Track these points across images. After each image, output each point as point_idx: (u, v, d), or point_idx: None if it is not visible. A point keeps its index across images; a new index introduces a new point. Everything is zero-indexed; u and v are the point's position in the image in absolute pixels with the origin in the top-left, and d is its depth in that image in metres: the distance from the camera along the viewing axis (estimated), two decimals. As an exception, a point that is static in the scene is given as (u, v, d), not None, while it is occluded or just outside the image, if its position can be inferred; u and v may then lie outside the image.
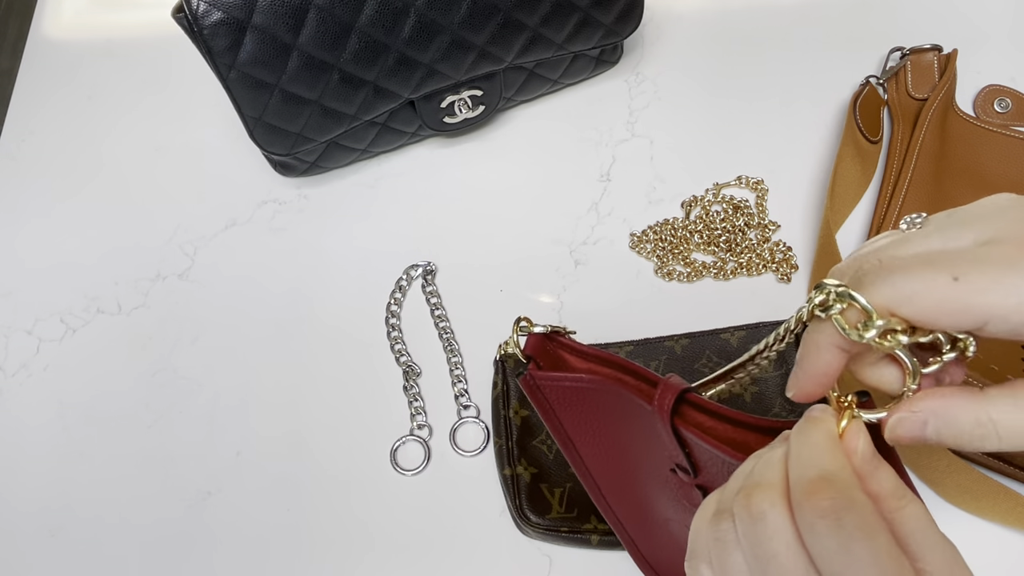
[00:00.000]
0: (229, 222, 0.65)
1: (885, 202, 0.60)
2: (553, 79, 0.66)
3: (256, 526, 0.53)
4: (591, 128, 0.67)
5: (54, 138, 0.70)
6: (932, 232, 0.27)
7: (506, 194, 0.65)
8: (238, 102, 0.56)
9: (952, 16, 0.70)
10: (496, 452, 0.54)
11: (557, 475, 0.52)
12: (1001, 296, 0.24)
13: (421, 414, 0.56)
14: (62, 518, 0.54)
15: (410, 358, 0.58)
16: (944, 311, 0.25)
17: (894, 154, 0.63)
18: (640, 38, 0.71)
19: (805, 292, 0.59)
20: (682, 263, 0.61)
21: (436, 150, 0.67)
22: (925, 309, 0.25)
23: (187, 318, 0.61)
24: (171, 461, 0.56)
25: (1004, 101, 0.65)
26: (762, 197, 0.63)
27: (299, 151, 0.61)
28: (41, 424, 0.58)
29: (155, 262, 0.63)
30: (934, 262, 0.26)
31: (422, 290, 0.61)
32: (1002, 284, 0.24)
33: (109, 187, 0.67)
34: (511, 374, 0.55)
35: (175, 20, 0.53)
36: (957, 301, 0.25)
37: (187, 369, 0.59)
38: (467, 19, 0.57)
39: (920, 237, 0.27)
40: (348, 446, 0.56)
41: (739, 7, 0.72)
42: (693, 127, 0.67)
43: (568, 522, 0.50)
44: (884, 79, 0.65)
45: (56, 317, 0.62)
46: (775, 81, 0.68)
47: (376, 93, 0.59)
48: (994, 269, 0.25)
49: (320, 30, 0.54)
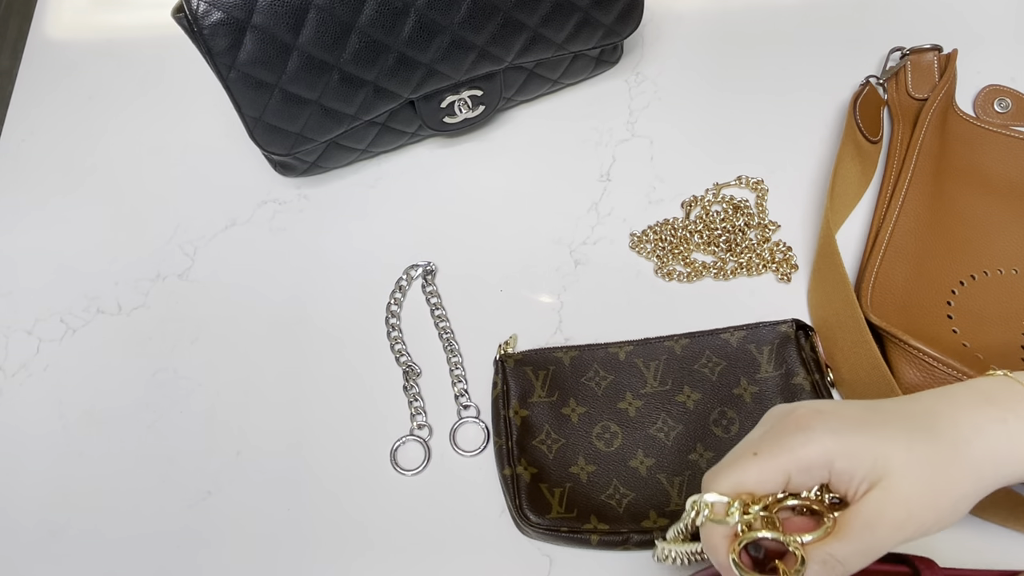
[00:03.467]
0: (229, 222, 0.65)
1: (885, 202, 0.60)
2: (553, 79, 0.66)
3: (256, 526, 0.53)
4: (591, 128, 0.67)
5: (54, 138, 0.70)
6: (743, 442, 0.39)
7: (506, 194, 0.65)
8: (238, 102, 0.56)
9: (952, 16, 0.70)
10: (496, 452, 0.54)
11: (557, 475, 0.52)
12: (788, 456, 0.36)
13: (421, 414, 0.56)
14: (62, 518, 0.54)
15: (410, 358, 0.58)
16: (763, 480, 0.36)
17: (894, 154, 0.63)
18: (640, 38, 0.71)
19: (805, 292, 0.59)
20: (682, 263, 0.61)
21: (436, 150, 0.67)
22: (752, 485, 0.36)
23: (187, 318, 0.61)
24: (171, 461, 0.56)
25: (1004, 101, 0.65)
26: (762, 197, 0.63)
27: (299, 151, 0.61)
28: (41, 424, 0.58)
29: (155, 262, 0.63)
30: (738, 449, 0.38)
31: (422, 290, 0.61)
32: (783, 445, 0.36)
33: (109, 187, 0.67)
34: (511, 375, 0.55)
35: (175, 20, 0.53)
36: (764, 470, 0.36)
37: (187, 369, 0.59)
38: (467, 19, 0.57)
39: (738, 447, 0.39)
40: (348, 446, 0.56)
41: (739, 7, 0.72)
42: (693, 127, 0.67)
43: (568, 522, 0.50)
44: (884, 79, 0.65)
45: (56, 317, 0.62)
46: (775, 81, 0.68)
47: (376, 93, 0.59)
48: (776, 438, 0.37)
49: (320, 30, 0.54)
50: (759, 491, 0.37)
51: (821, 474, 0.36)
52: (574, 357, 0.56)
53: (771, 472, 0.36)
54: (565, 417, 0.54)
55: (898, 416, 0.38)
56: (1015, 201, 0.61)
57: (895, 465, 0.35)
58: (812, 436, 0.36)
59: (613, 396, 0.55)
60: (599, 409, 0.54)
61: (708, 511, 0.36)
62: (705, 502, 0.37)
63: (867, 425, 0.37)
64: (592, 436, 0.53)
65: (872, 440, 0.36)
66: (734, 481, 0.37)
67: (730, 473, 0.37)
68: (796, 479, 0.37)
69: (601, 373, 0.55)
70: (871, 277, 0.56)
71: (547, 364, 0.55)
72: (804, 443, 0.36)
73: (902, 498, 0.35)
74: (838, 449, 0.36)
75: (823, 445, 0.36)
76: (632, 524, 0.50)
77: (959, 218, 0.60)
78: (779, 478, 0.36)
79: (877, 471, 0.35)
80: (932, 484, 0.36)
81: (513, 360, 0.56)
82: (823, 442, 0.36)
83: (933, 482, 0.36)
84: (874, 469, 0.35)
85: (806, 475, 0.36)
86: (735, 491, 0.37)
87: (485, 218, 0.64)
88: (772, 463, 0.36)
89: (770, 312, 0.57)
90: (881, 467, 0.35)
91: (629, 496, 0.51)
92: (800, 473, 0.36)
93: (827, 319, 0.56)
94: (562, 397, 0.55)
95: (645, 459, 0.53)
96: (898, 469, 0.35)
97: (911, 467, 0.36)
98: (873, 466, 0.35)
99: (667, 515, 0.50)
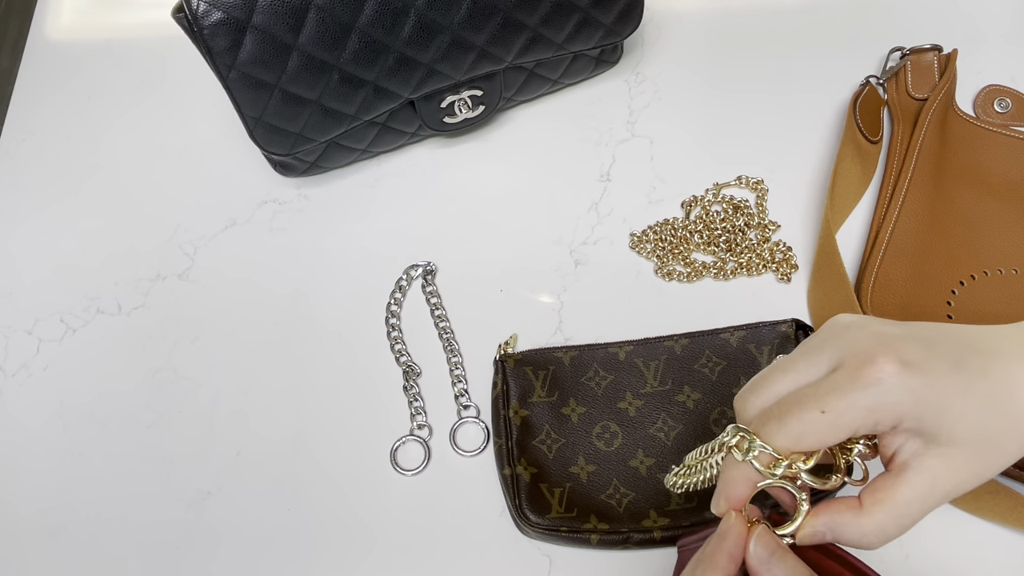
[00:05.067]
0: (229, 222, 0.65)
1: (885, 202, 0.60)
2: (553, 79, 0.66)
3: (256, 526, 0.53)
4: (591, 128, 0.67)
5: (54, 138, 0.70)
6: (799, 362, 0.36)
7: (506, 194, 0.65)
8: (238, 102, 0.56)
9: (952, 16, 0.70)
10: (496, 452, 0.54)
11: (557, 475, 0.52)
12: (859, 415, 0.33)
13: (421, 414, 0.56)
14: (62, 518, 0.54)
15: (410, 358, 0.58)
16: (825, 440, 0.34)
17: (894, 154, 0.63)
18: (640, 38, 0.71)
19: (805, 292, 0.59)
20: (682, 263, 0.61)
21: (436, 150, 0.67)
22: (813, 442, 0.34)
23: (187, 318, 0.61)
24: (171, 461, 0.56)
25: (1004, 101, 0.65)
26: (762, 197, 0.63)
27: (299, 151, 0.61)
28: (41, 424, 0.58)
29: (155, 262, 0.63)
30: (804, 401, 0.34)
31: (422, 290, 0.61)
32: (856, 406, 0.33)
33: (109, 187, 0.67)
34: (511, 375, 0.55)
35: (175, 20, 0.53)
36: (831, 428, 0.34)
37: (187, 369, 0.59)
38: (467, 19, 0.57)
39: (791, 372, 0.36)
40: (348, 446, 0.56)
41: (739, 7, 0.72)
42: (693, 127, 0.67)
43: (568, 522, 0.50)
44: (884, 79, 0.65)
45: (56, 317, 0.62)
46: (775, 81, 0.68)
47: (376, 93, 0.59)
48: (845, 394, 0.34)
49: (320, 30, 0.54)
50: (815, 448, 0.35)
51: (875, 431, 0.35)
52: (574, 357, 0.56)
53: (835, 435, 0.34)
54: (565, 417, 0.54)
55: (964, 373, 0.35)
56: (1015, 201, 0.61)
57: (958, 434, 0.34)
58: (888, 397, 0.33)
59: (613, 396, 0.55)
60: (599, 409, 0.54)
61: (755, 455, 0.35)
62: (758, 445, 0.35)
63: (941, 381, 0.34)
64: (592, 436, 0.53)
65: (944, 402, 0.34)
66: (795, 434, 0.34)
67: (793, 424, 0.34)
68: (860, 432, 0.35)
69: (601, 373, 0.55)
70: (871, 277, 0.56)
71: (547, 364, 0.55)
72: (877, 407, 0.33)
73: (958, 467, 0.34)
74: (913, 413, 0.33)
75: (898, 412, 0.34)
76: (632, 524, 0.50)
77: (959, 218, 0.60)
78: (840, 437, 0.34)
79: (939, 437, 0.34)
80: (986, 457, 0.35)
81: (513, 360, 0.56)
82: (899, 409, 0.33)
83: (987, 455, 0.35)
84: (937, 436, 0.34)
85: (870, 429, 0.34)
86: (794, 444, 0.34)
87: (485, 218, 0.64)
88: (840, 426, 0.34)
89: (770, 312, 0.57)
90: (946, 437, 0.34)
91: (629, 496, 0.51)
92: (866, 429, 0.34)
93: (827, 319, 0.56)
94: (562, 397, 0.55)
95: (645, 459, 0.53)
96: (960, 438, 0.34)
97: (973, 438, 0.34)
98: (936, 433, 0.34)
99: (667, 514, 0.50)
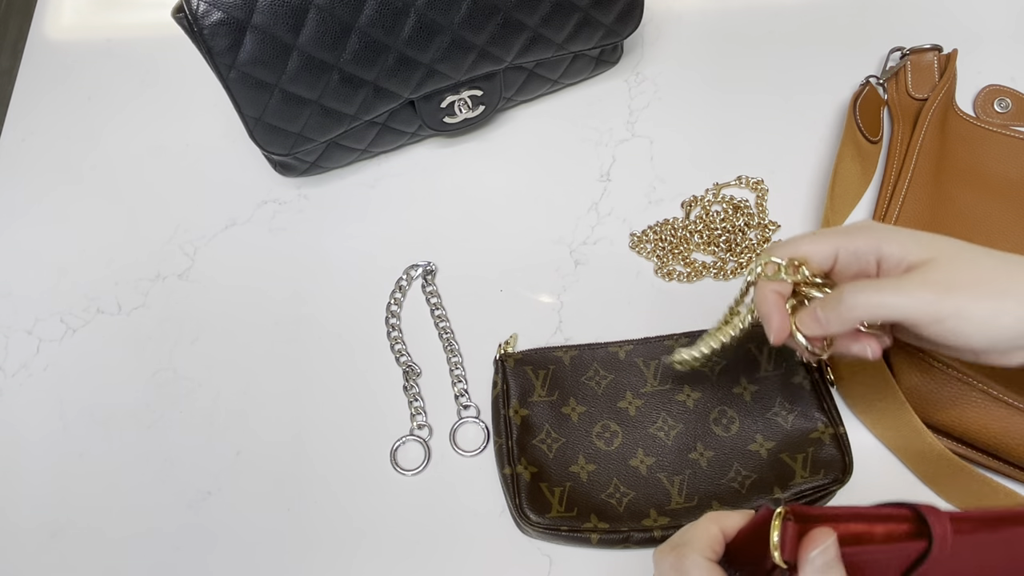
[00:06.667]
0: (229, 222, 0.65)
1: (885, 202, 0.60)
2: (553, 79, 0.66)
3: (256, 526, 0.53)
4: (591, 128, 0.67)
5: (54, 138, 0.70)
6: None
7: (506, 194, 0.65)
8: (238, 102, 0.56)
9: (952, 16, 0.70)
10: (496, 452, 0.54)
11: (557, 474, 0.52)
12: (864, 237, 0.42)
13: (421, 414, 0.56)
14: (62, 518, 0.54)
15: (410, 358, 0.58)
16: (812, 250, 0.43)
17: (894, 154, 0.63)
18: (640, 38, 0.71)
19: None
20: (682, 263, 0.61)
21: (436, 150, 0.67)
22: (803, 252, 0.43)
23: (187, 318, 0.61)
24: (171, 461, 0.56)
25: (1004, 101, 0.65)
26: (762, 197, 0.63)
27: (299, 151, 0.61)
28: (41, 424, 0.58)
29: (155, 262, 0.63)
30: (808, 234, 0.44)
31: (422, 290, 0.61)
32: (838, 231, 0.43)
33: (109, 187, 0.67)
34: (511, 374, 0.55)
35: (175, 20, 0.53)
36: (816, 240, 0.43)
37: (187, 369, 0.59)
38: (467, 19, 0.57)
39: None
40: (348, 446, 0.56)
41: (739, 7, 0.72)
42: (693, 127, 0.67)
43: (568, 521, 0.50)
44: (884, 79, 0.65)
45: (56, 317, 0.62)
46: (775, 81, 0.68)
47: (376, 93, 0.59)
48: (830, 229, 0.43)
49: (320, 30, 0.54)
50: (811, 260, 0.43)
51: (868, 260, 0.41)
52: (574, 356, 0.56)
53: (822, 245, 0.42)
54: (565, 416, 0.54)
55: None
56: (1015, 201, 0.61)
57: (946, 255, 0.39)
58: (867, 225, 0.42)
59: (613, 395, 0.55)
60: (599, 408, 0.54)
61: (762, 268, 0.43)
62: (762, 261, 0.44)
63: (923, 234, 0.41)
64: (592, 435, 0.53)
65: (926, 238, 0.40)
66: (790, 250, 0.43)
67: (788, 245, 0.43)
68: (843, 258, 0.42)
69: (601, 372, 0.55)
70: (871, 277, 0.56)
71: (547, 363, 0.55)
72: (858, 229, 0.42)
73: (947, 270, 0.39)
74: (889, 235, 0.41)
75: (875, 233, 0.41)
76: (632, 523, 0.50)
77: (959, 218, 0.60)
78: (828, 251, 0.42)
79: (927, 260, 0.39)
80: (978, 277, 0.39)
81: (513, 360, 0.56)
82: (875, 230, 0.41)
83: (979, 276, 0.39)
84: (924, 258, 0.39)
85: (853, 257, 0.42)
86: (793, 252, 0.43)
87: (485, 218, 0.64)
88: (824, 239, 0.42)
89: (770, 312, 0.57)
90: (934, 260, 0.39)
91: (629, 495, 0.51)
92: (848, 254, 0.42)
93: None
94: (562, 396, 0.55)
95: (645, 458, 0.53)
96: (947, 256, 0.39)
97: (962, 257, 0.40)
98: (922, 256, 0.40)
99: (667, 513, 0.50)
